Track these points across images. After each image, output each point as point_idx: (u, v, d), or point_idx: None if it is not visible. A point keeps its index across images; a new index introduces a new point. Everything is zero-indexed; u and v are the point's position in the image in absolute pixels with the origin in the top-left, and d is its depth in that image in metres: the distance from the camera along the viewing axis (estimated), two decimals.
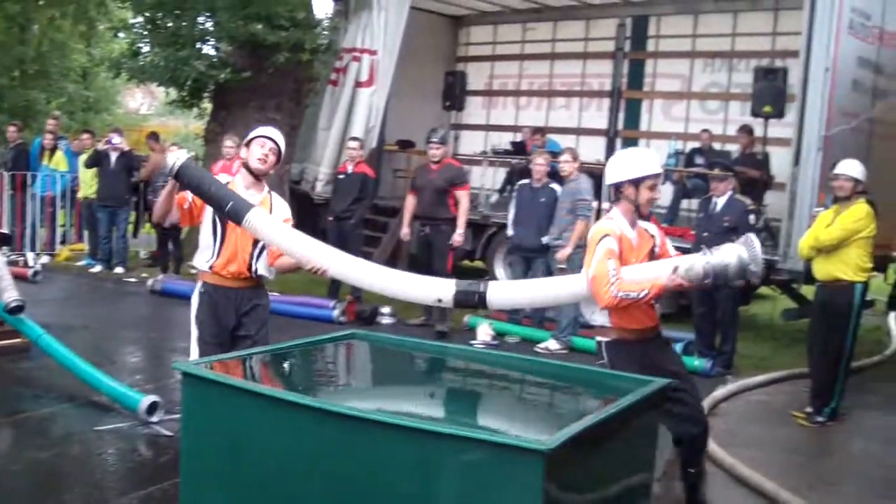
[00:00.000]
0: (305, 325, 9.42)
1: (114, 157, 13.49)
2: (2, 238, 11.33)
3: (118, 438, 6.21)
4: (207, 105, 15.39)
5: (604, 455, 3.59)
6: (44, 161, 14.80)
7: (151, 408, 6.46)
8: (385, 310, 10.91)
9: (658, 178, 4.89)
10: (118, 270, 13.54)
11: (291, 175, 14.60)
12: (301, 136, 14.98)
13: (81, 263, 14.04)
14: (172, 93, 15.04)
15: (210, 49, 14.55)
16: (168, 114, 30.73)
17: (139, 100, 37.49)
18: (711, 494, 5.22)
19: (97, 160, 13.60)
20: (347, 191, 11.39)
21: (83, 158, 14.13)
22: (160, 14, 14.14)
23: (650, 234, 5.00)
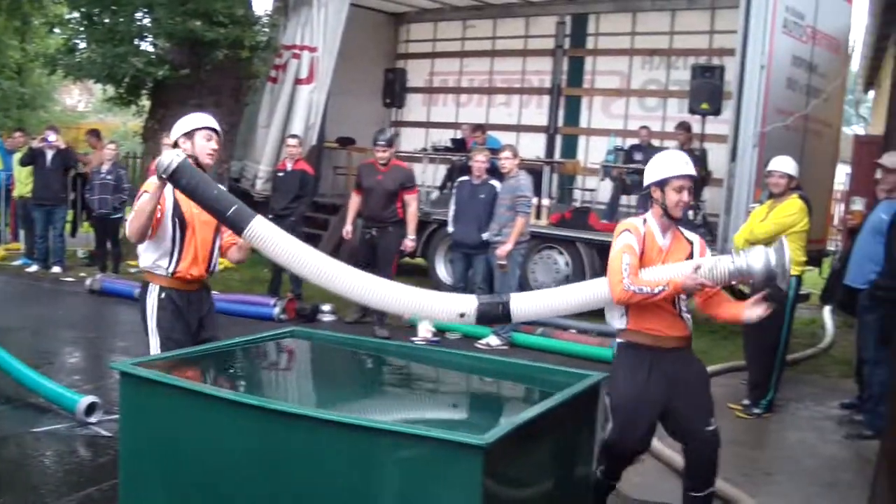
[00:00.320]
0: (246, 324, 9.37)
1: (50, 155, 13.29)
2: None
3: (56, 440, 6.12)
4: (146, 102, 15.22)
5: (542, 449, 3.63)
6: None
7: (90, 409, 6.37)
8: (326, 307, 10.88)
9: (685, 180, 4.58)
10: (55, 270, 13.35)
11: (231, 173, 14.53)
12: (241, 134, 14.91)
13: (17, 263, 13.81)
14: (110, 90, 14.82)
15: (148, 46, 14.37)
16: (106, 111, 30.28)
17: (76, 97, 36.96)
18: (648, 484, 5.25)
19: (32, 158, 13.39)
20: (287, 188, 11.33)
21: (18, 156, 13.92)
22: (97, 10, 13.94)
23: (688, 241, 4.73)
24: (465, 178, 10.57)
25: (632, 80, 15.09)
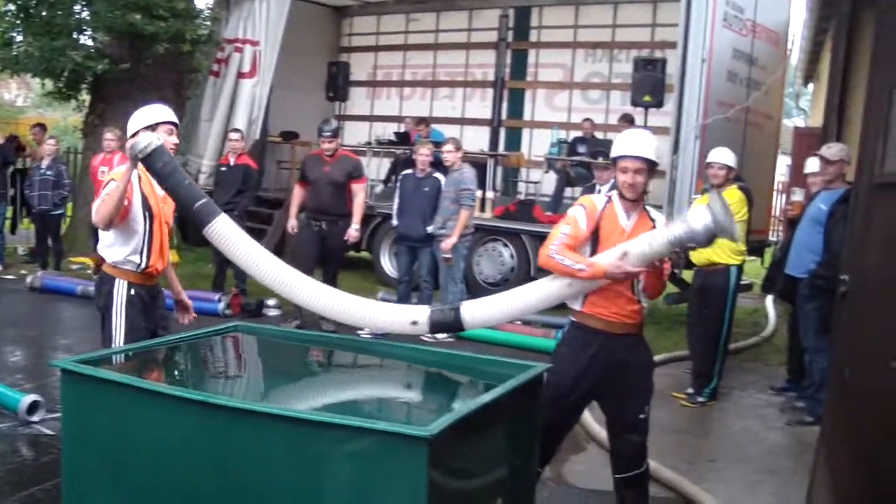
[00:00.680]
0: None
1: None
2: None
3: None
4: (86, 97, 15.02)
5: (486, 439, 3.64)
6: None
7: (32, 407, 6.30)
8: (271, 302, 10.83)
9: (631, 162, 4.49)
10: None
11: None
12: (183, 128, 14.66)
13: None
14: (49, 84, 14.63)
15: (87, 39, 14.16)
16: (46, 105, 29.85)
17: (14, 91, 36.42)
18: (592, 472, 5.28)
19: None
20: (230, 183, 11.25)
21: None
22: (33, 2, 13.70)
23: (651, 221, 4.66)
24: (409, 172, 10.55)
25: (575, 73, 15.16)
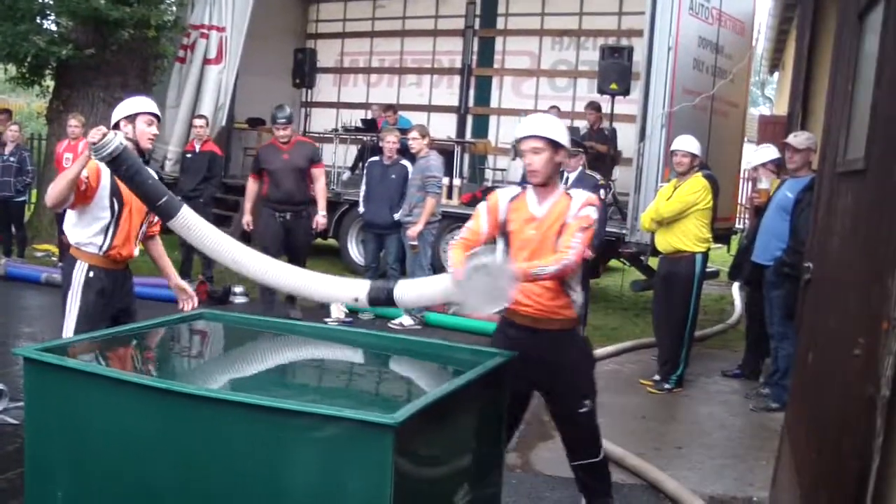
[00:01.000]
0: (156, 307, 9.16)
1: None
2: None
3: None
4: (50, 83, 14.85)
5: (453, 427, 3.63)
6: None
7: None
8: (238, 289, 10.76)
9: (525, 142, 4.37)
10: None
11: None
12: None
13: None
14: (12, 69, 14.44)
15: (51, 24, 13.99)
16: (10, 91, 29.51)
17: None
18: (558, 459, 5.26)
19: None
20: (196, 170, 11.18)
21: None
22: None
23: (566, 209, 4.32)
24: (376, 159, 10.51)
25: (542, 61, 15.16)
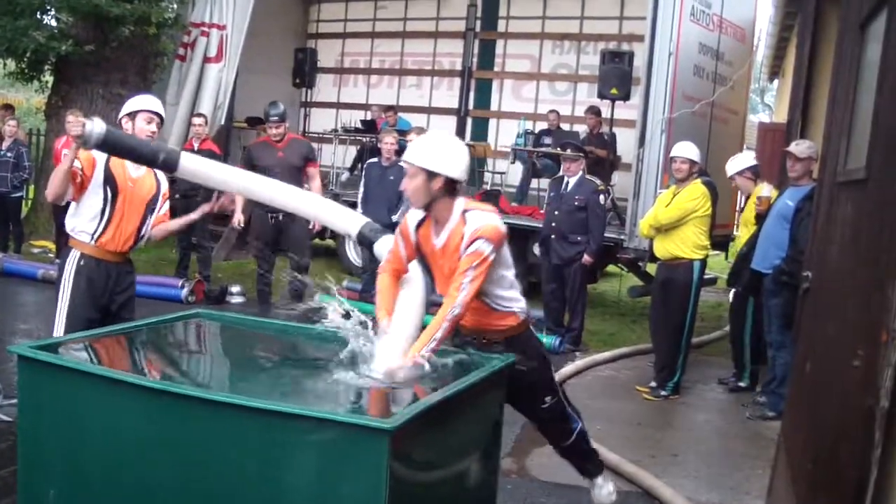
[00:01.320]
0: (153, 305, 9.13)
1: None
2: None
3: None
4: (49, 78, 14.82)
5: (449, 432, 3.60)
6: None
7: None
8: (234, 289, 10.72)
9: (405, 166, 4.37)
10: None
11: None
12: None
13: None
14: (11, 64, 14.41)
15: (51, 20, 13.97)
16: (9, 86, 29.47)
17: None
18: (555, 465, 5.26)
19: None
20: None
21: None
22: None
23: (460, 240, 4.14)
24: (375, 160, 10.48)
25: (542, 64, 15.12)
